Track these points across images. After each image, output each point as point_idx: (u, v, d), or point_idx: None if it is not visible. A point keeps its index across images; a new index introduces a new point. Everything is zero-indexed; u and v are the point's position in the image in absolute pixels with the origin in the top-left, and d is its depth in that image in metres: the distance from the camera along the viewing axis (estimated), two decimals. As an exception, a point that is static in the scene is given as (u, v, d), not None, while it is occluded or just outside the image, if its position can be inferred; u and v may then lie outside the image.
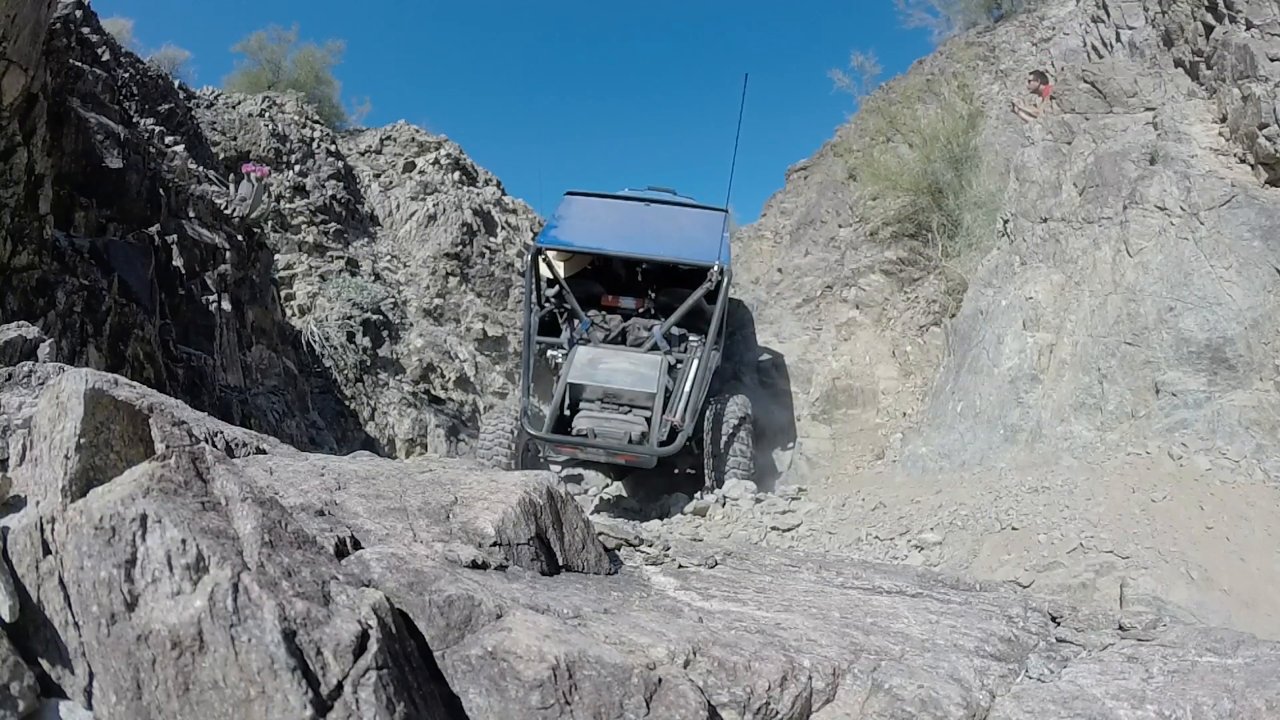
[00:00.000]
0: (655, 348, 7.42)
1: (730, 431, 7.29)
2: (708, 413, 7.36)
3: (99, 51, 8.70)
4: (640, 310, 8.17)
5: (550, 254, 7.97)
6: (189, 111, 13.02)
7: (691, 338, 7.61)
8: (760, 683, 1.30)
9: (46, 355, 2.12)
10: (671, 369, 7.26)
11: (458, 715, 1.13)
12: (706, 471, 7.28)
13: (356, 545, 1.43)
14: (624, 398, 7.11)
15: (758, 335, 10.45)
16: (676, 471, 8.10)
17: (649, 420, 6.97)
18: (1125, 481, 5.36)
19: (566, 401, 7.15)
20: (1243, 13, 6.23)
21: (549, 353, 7.89)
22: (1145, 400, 5.97)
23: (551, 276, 7.98)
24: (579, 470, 9.32)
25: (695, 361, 7.26)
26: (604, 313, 8.11)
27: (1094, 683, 1.46)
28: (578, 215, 8.39)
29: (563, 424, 7.10)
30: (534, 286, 7.87)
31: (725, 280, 7.26)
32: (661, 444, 6.81)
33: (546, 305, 8.21)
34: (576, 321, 7.82)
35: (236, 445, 1.88)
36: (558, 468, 8.22)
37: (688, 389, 7.04)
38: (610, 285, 8.58)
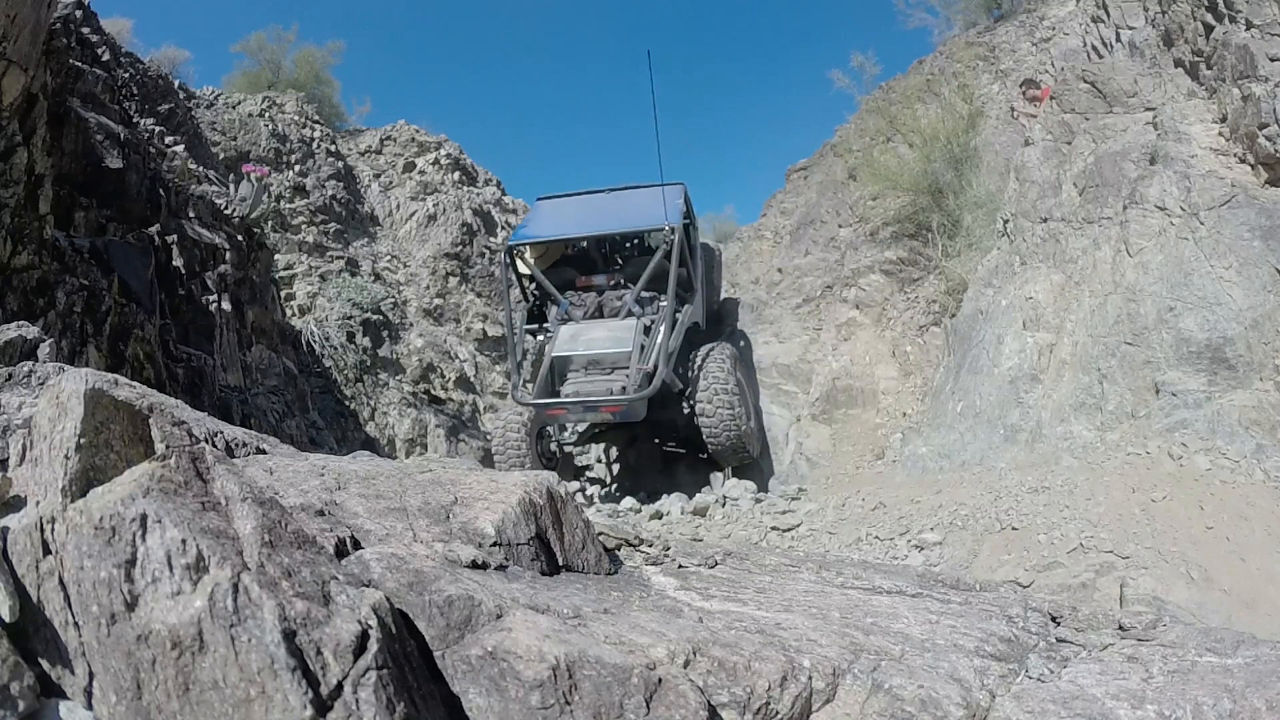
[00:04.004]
0: (630, 315, 7.97)
1: (717, 373, 7.78)
2: (695, 358, 7.98)
3: (99, 51, 8.69)
4: (612, 284, 8.78)
5: (526, 251, 8.72)
6: (189, 111, 13.01)
7: (662, 300, 8.08)
8: (760, 683, 1.30)
9: (46, 355, 2.12)
10: (647, 330, 7.78)
11: (458, 715, 1.13)
12: (700, 427, 7.72)
13: (356, 545, 1.43)
14: (606, 362, 7.69)
15: (759, 335, 10.46)
16: (674, 447, 8.62)
17: (629, 376, 7.51)
18: (1125, 481, 5.36)
19: (555, 373, 7.73)
20: (1243, 13, 6.24)
21: (539, 338, 8.53)
22: (1145, 400, 5.97)
23: (529, 271, 8.68)
24: (582, 459, 9.53)
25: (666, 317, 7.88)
26: (580, 293, 8.74)
27: (1094, 683, 1.46)
28: (546, 214, 9.22)
29: (553, 396, 7.69)
30: (514, 280, 8.72)
31: (677, 238, 7.87)
32: (640, 387, 7.33)
33: (532, 299, 8.87)
34: (556, 306, 8.44)
35: (236, 445, 1.88)
36: (570, 447, 8.81)
37: (660, 339, 7.59)
38: (584, 269, 9.24)
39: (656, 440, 9.20)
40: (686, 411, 8.06)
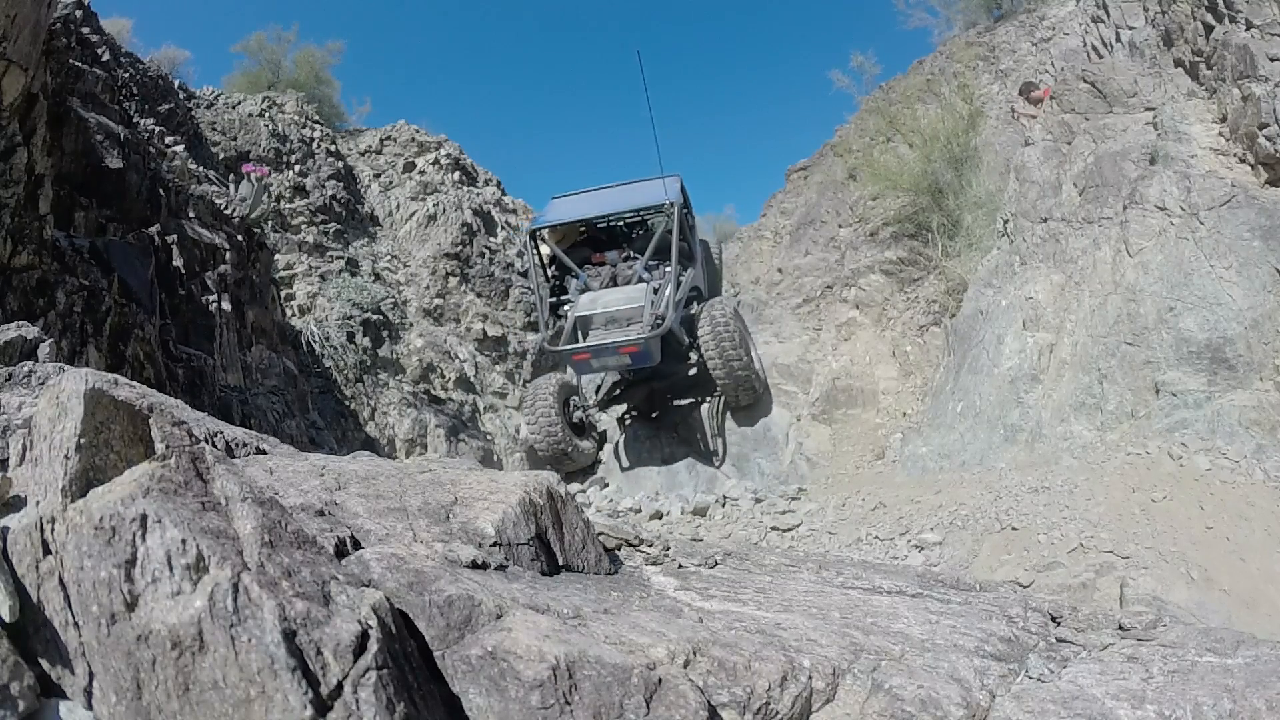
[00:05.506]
0: (640, 280, 9.15)
1: (720, 323, 8.66)
2: (700, 312, 8.93)
3: (99, 51, 8.70)
4: (623, 258, 10.08)
5: (545, 236, 10.07)
6: (189, 111, 13.02)
7: (667, 266, 9.16)
8: (760, 683, 1.30)
9: (46, 355, 2.12)
10: (656, 292, 8.87)
11: (458, 715, 1.13)
12: (709, 365, 8.62)
13: (356, 545, 1.43)
14: (621, 318, 8.77)
15: (759, 335, 10.48)
16: (684, 401, 9.68)
17: (643, 325, 8.58)
18: (1125, 481, 5.36)
19: (578, 331, 8.78)
20: (1243, 13, 6.24)
21: (561, 309, 9.61)
22: (1145, 400, 5.97)
23: (550, 252, 9.93)
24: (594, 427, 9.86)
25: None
26: (595, 267, 10.06)
27: (1094, 683, 1.46)
28: (561, 205, 10.59)
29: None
30: (536, 261, 9.88)
31: (677, 210, 8.99)
32: (653, 329, 8.29)
33: (553, 280, 10.08)
34: (575, 279, 9.63)
35: (236, 445, 1.88)
36: (593, 410, 9.82)
37: (668, 293, 8.73)
38: (598, 249, 10.53)
39: (668, 396, 10.08)
40: (694, 360, 9.18)
